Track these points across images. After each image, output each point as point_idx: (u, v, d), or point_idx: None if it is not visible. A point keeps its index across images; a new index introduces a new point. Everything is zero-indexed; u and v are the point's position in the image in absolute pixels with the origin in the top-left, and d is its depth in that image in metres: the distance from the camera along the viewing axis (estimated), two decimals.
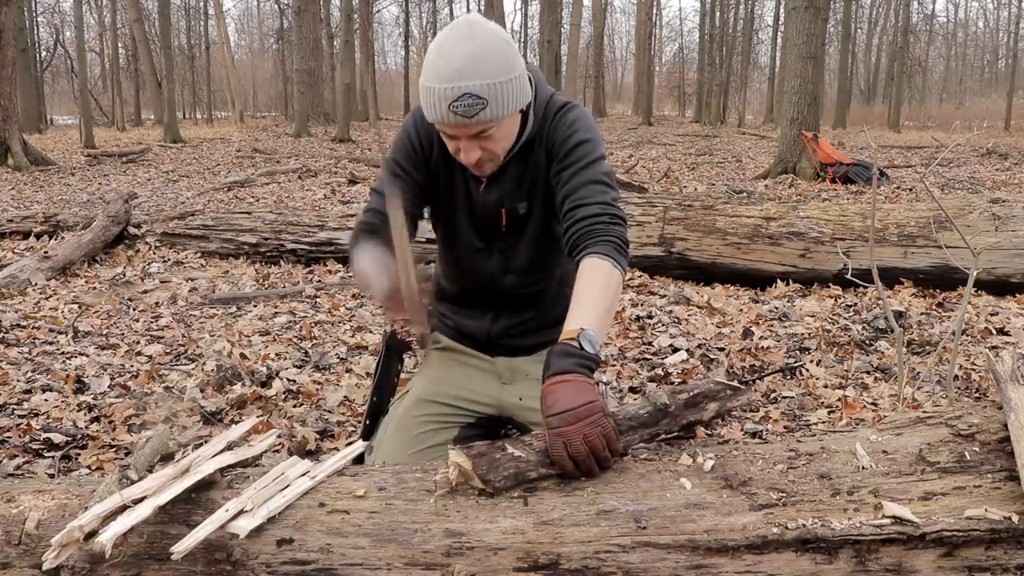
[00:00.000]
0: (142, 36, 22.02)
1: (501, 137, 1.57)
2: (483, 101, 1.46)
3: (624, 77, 61.28)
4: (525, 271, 1.75)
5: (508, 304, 1.80)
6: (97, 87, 34.65)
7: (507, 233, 1.73)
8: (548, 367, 1.34)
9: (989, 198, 4.68)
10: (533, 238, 1.72)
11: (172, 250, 5.65)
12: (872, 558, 1.23)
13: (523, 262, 1.74)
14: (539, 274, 1.77)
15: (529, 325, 1.82)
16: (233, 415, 2.79)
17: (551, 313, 1.80)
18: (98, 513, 1.19)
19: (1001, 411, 1.39)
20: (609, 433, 1.27)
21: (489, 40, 1.47)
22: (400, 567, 1.22)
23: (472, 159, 1.56)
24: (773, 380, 3.09)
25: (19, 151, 12.10)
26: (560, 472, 1.27)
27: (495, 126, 1.52)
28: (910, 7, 29.29)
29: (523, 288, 1.77)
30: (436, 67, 1.47)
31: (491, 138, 1.54)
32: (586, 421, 1.25)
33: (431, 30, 41.79)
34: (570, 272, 1.83)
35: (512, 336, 1.82)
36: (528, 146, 1.66)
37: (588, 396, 1.27)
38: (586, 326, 1.37)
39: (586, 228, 1.54)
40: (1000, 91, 34.22)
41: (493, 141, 1.56)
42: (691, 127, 28.48)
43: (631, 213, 4.96)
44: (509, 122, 1.56)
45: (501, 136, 1.56)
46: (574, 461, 1.26)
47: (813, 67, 10.72)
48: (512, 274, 1.76)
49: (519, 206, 1.70)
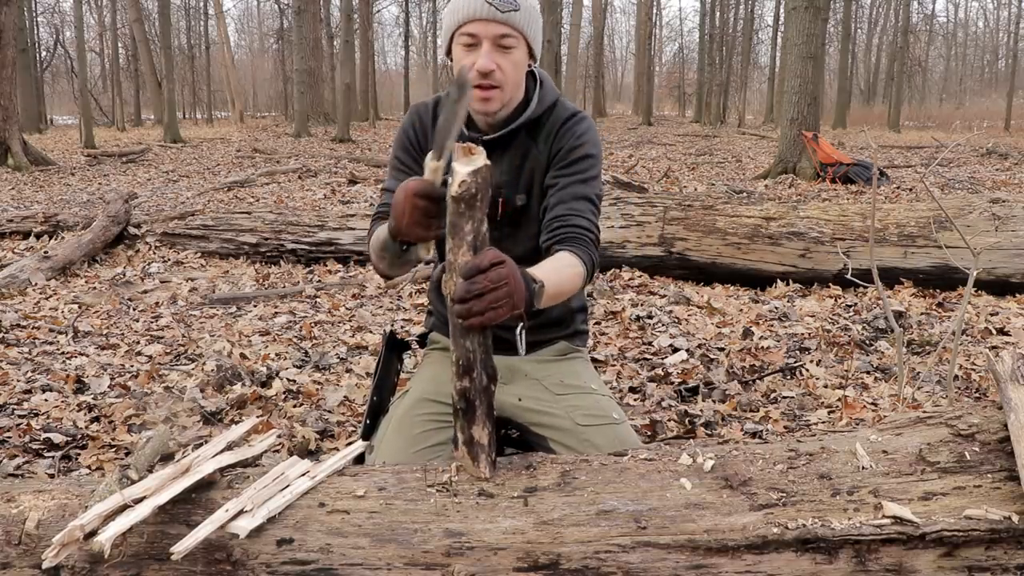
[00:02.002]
0: (142, 36, 22.03)
1: (515, 62, 1.61)
2: (518, 4, 1.56)
3: (624, 77, 61.29)
4: (525, 261, 1.74)
5: None
6: (97, 87, 34.66)
7: (503, 223, 1.74)
8: None
9: (989, 198, 4.68)
10: (529, 232, 1.74)
11: (172, 250, 5.65)
12: (872, 558, 1.23)
13: (520, 254, 1.72)
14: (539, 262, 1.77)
15: (531, 319, 1.82)
16: (233, 415, 2.79)
17: (550, 310, 1.80)
18: (99, 513, 1.19)
19: (1001, 411, 1.39)
20: (515, 300, 1.25)
21: None
22: (400, 567, 1.22)
23: (489, 65, 1.57)
24: (773, 380, 3.09)
25: (19, 151, 12.10)
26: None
27: (516, 40, 1.58)
28: (910, 7, 29.29)
29: None
30: None
31: (509, 54, 1.59)
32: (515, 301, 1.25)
33: (431, 30, 41.80)
34: None
35: (513, 329, 1.82)
36: (529, 136, 1.70)
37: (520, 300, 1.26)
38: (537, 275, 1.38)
39: (572, 234, 1.61)
40: (1000, 91, 34.23)
41: (509, 60, 1.59)
42: (691, 127, 28.48)
43: (631, 213, 4.96)
44: (524, 54, 1.62)
45: (515, 61, 1.61)
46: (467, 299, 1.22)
47: (813, 67, 10.72)
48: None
49: (517, 198, 1.72)
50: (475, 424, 1.32)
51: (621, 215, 4.97)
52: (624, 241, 4.89)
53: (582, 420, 1.71)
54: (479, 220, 1.26)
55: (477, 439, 1.32)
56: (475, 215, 1.25)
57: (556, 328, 1.87)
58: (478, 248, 1.26)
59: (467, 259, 1.26)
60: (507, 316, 1.24)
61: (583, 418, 1.71)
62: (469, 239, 1.26)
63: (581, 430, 1.69)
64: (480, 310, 1.22)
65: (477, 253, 1.26)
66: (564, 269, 1.52)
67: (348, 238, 5.41)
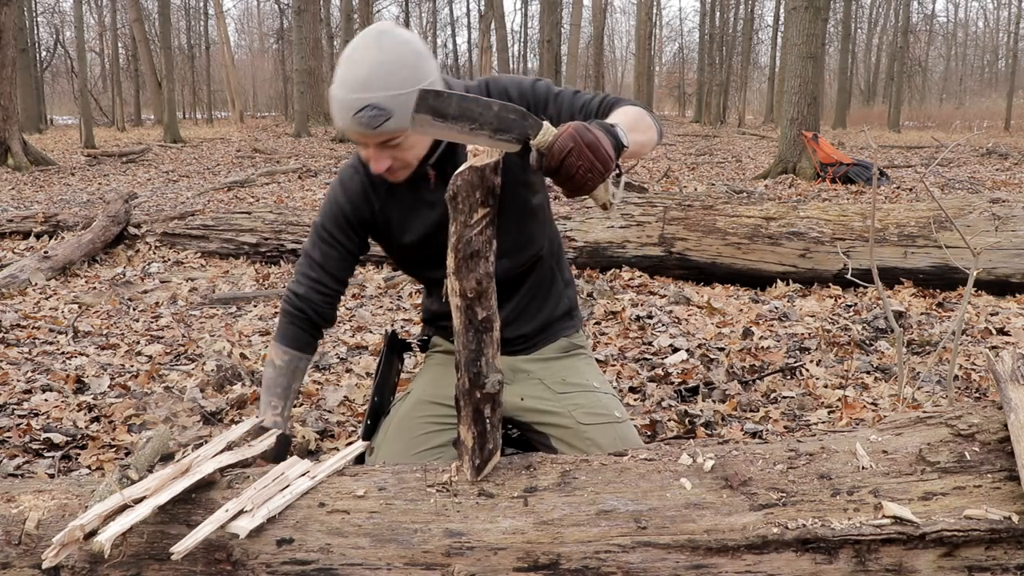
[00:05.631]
0: (142, 36, 22.02)
1: (411, 145, 1.55)
2: (387, 112, 1.45)
3: (624, 77, 61.25)
4: (515, 249, 1.74)
5: (507, 289, 1.80)
6: (97, 87, 34.66)
7: None
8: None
9: (989, 198, 4.68)
10: (510, 216, 1.67)
11: (172, 250, 5.65)
12: (872, 558, 1.23)
13: (509, 243, 1.71)
14: (528, 248, 1.77)
15: (532, 308, 1.82)
16: (233, 415, 2.78)
17: (551, 291, 1.83)
18: (99, 513, 1.19)
19: (1001, 411, 1.39)
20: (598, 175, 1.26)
21: (398, 51, 1.46)
22: (400, 567, 1.22)
23: (381, 167, 1.54)
24: (773, 380, 3.09)
25: (19, 151, 12.10)
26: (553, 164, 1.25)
27: (403, 136, 1.51)
28: (910, 7, 29.27)
29: (519, 267, 1.78)
30: (343, 76, 1.47)
31: (400, 147, 1.53)
32: (595, 155, 1.24)
33: (431, 30, 41.79)
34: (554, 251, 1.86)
35: (517, 323, 1.82)
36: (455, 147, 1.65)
37: (608, 145, 1.27)
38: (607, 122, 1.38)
39: (615, 100, 1.60)
40: (1000, 91, 34.21)
41: (403, 150, 1.54)
42: (691, 127, 28.47)
43: (631, 213, 4.96)
44: (415, 137, 1.54)
45: (411, 144, 1.54)
46: (565, 165, 1.24)
47: (813, 67, 10.72)
48: (504, 258, 1.75)
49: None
50: (460, 424, 1.34)
51: (621, 215, 4.97)
52: (624, 241, 4.89)
53: (584, 419, 1.71)
54: (462, 224, 1.25)
55: (462, 439, 1.34)
56: (458, 217, 1.25)
57: (560, 322, 1.87)
58: (459, 251, 1.26)
59: (450, 262, 1.27)
60: (602, 171, 1.25)
61: (585, 416, 1.71)
62: (452, 240, 1.26)
63: (583, 428, 1.69)
64: (578, 185, 1.25)
65: (458, 257, 1.26)
66: (629, 111, 1.50)
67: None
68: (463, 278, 1.27)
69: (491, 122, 1.25)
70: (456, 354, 1.32)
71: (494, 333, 1.32)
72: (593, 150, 1.23)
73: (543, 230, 1.79)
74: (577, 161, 1.23)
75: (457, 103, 1.23)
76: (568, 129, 1.24)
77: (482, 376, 1.30)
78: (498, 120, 1.25)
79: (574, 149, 1.23)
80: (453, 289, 1.28)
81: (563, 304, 1.88)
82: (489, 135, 1.26)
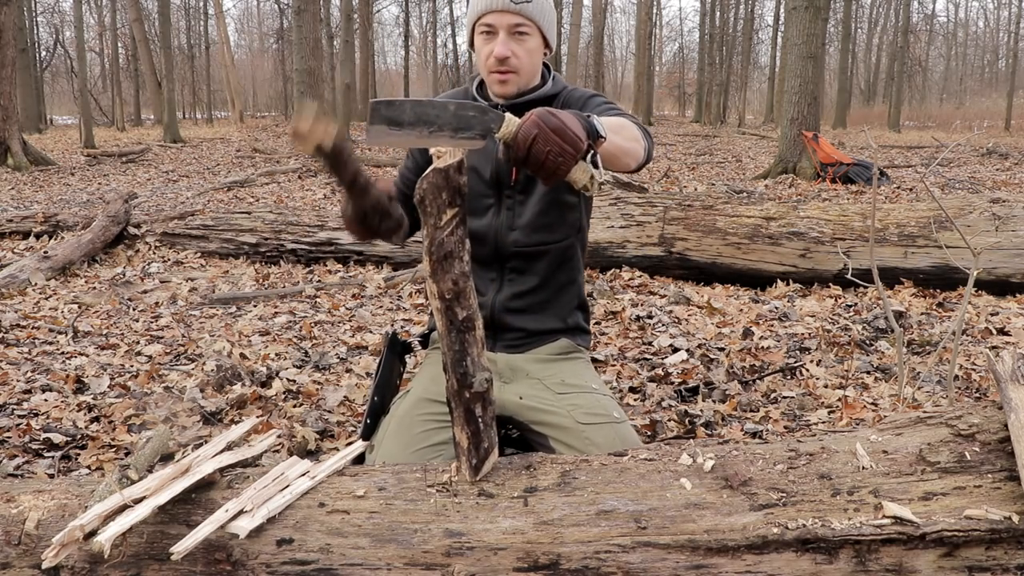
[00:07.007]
0: (142, 36, 22.01)
1: (530, 49, 1.71)
2: None
3: (624, 77, 61.24)
4: (530, 228, 1.79)
5: (512, 267, 1.82)
6: (97, 87, 34.66)
7: (516, 188, 1.79)
8: None
9: (989, 198, 4.68)
10: (540, 197, 1.78)
11: (172, 250, 5.65)
12: (872, 558, 1.23)
13: (528, 218, 1.79)
14: (543, 233, 1.80)
15: (533, 299, 1.82)
16: (233, 415, 2.78)
17: (556, 292, 1.83)
18: (99, 513, 1.19)
19: (1001, 411, 1.39)
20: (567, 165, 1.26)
21: None
22: (400, 567, 1.22)
23: (504, 52, 1.67)
24: (773, 380, 3.09)
25: (19, 151, 12.10)
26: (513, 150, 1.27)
27: (530, 29, 1.69)
28: (910, 7, 29.27)
29: (527, 246, 1.80)
30: None
31: (524, 42, 1.69)
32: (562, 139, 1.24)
33: (431, 30, 41.78)
34: (576, 257, 1.86)
35: (516, 312, 1.82)
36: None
37: (576, 127, 1.26)
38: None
39: (619, 112, 1.68)
40: (1000, 91, 34.20)
41: (524, 47, 1.69)
42: (691, 127, 28.48)
43: (631, 213, 4.96)
44: (538, 42, 1.72)
45: (530, 48, 1.71)
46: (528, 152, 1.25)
47: (813, 67, 10.73)
48: (517, 230, 1.80)
49: None
50: (454, 425, 1.35)
51: (621, 215, 4.97)
52: (624, 241, 4.89)
53: (583, 419, 1.71)
54: (432, 226, 1.26)
55: (457, 440, 1.34)
56: (428, 220, 1.25)
57: (561, 322, 1.87)
58: (433, 254, 1.27)
59: (425, 265, 1.28)
60: (572, 154, 1.25)
61: (584, 416, 1.71)
62: (425, 244, 1.27)
63: (582, 428, 1.69)
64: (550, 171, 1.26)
65: (432, 260, 1.27)
66: (620, 119, 1.54)
67: (348, 238, 5.41)
68: (439, 280, 1.27)
69: (450, 123, 1.26)
70: (442, 356, 1.33)
71: (477, 332, 1.32)
72: (560, 133, 1.24)
73: (564, 228, 1.82)
74: (544, 147, 1.24)
75: (411, 109, 1.25)
76: (531, 117, 1.26)
77: (469, 376, 1.31)
78: (456, 120, 1.26)
79: (539, 135, 1.24)
80: (431, 292, 1.29)
81: (573, 317, 1.90)
82: (450, 135, 1.27)
